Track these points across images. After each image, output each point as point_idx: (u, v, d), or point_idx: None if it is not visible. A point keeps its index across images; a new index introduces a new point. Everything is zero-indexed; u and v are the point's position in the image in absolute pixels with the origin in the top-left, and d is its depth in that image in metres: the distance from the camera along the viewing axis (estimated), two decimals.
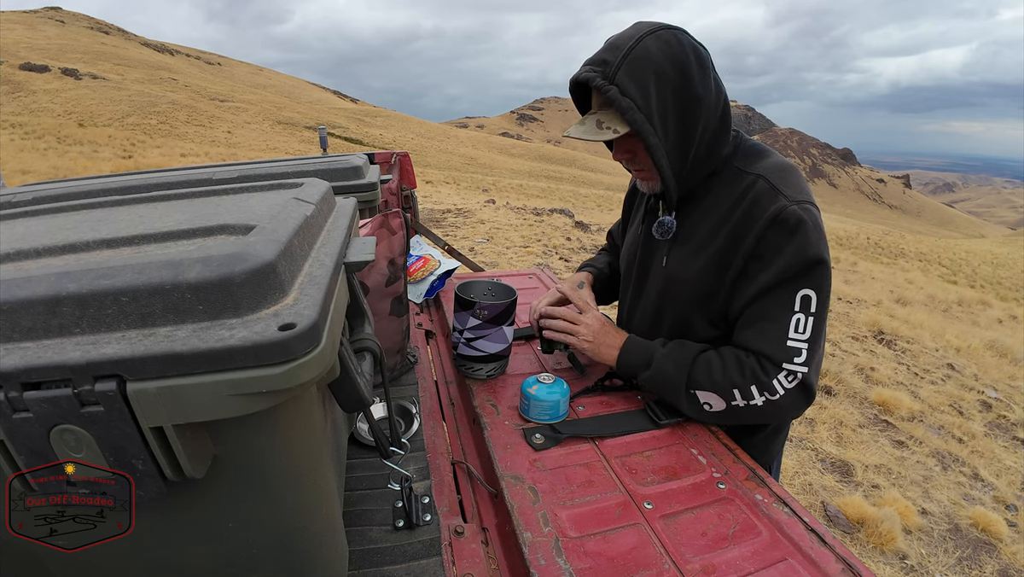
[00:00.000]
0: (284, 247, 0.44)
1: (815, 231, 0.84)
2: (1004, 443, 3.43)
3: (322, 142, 1.81)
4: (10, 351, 0.36)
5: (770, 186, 0.87)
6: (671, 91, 0.83)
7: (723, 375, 0.87)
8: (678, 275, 0.98)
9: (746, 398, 0.86)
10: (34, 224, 0.59)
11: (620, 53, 0.82)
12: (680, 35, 0.84)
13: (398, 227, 1.01)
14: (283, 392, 0.39)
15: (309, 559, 0.52)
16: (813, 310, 0.84)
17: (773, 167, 0.91)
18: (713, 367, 0.88)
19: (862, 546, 2.28)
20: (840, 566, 0.64)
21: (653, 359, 0.93)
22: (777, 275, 0.84)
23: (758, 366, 0.85)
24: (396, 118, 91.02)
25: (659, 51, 0.82)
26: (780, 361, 0.84)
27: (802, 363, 0.84)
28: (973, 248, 32.78)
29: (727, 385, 0.87)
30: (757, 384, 0.85)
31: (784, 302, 0.85)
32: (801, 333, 0.84)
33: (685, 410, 0.91)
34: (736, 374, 0.86)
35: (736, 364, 0.87)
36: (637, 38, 0.82)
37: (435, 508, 0.76)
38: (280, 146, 43.17)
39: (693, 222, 0.96)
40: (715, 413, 0.89)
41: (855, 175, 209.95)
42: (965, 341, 5.50)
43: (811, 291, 0.84)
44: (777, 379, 0.84)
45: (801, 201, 0.85)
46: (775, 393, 0.85)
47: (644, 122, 0.83)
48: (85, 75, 55.52)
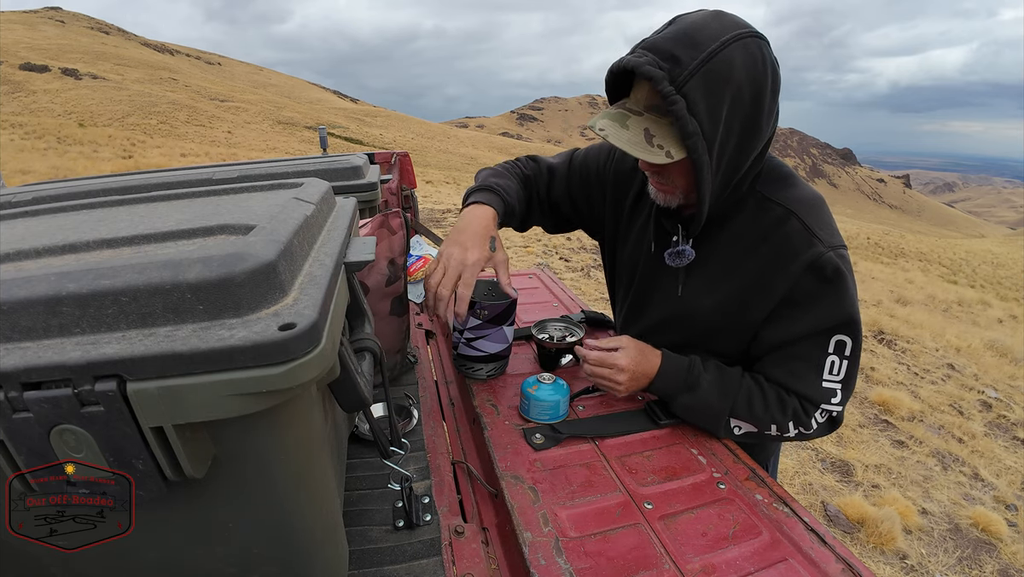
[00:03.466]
0: (284, 247, 0.44)
1: (851, 280, 0.82)
2: (1004, 443, 3.43)
3: (322, 142, 1.81)
4: (10, 351, 0.36)
5: (803, 227, 0.81)
6: (740, 119, 0.72)
7: (764, 410, 0.86)
8: (692, 305, 0.93)
9: (781, 431, 0.86)
10: (34, 224, 0.59)
11: (698, 55, 0.67)
12: (766, 50, 0.71)
13: (398, 227, 1.01)
14: (283, 392, 0.39)
15: (309, 559, 0.52)
16: (847, 354, 0.83)
17: (802, 201, 0.84)
18: (755, 401, 0.86)
19: (862, 546, 2.28)
20: (840, 566, 0.64)
21: (699, 385, 0.88)
22: (813, 324, 0.82)
23: (800, 407, 0.85)
24: (396, 118, 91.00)
25: (743, 67, 0.69)
26: (819, 403, 0.84)
27: (838, 403, 0.85)
28: (973, 248, 32.76)
29: (767, 420, 0.86)
30: (795, 421, 0.86)
31: (820, 344, 0.83)
32: (835, 375, 0.84)
33: (714, 432, 0.90)
34: (778, 412, 0.86)
35: (778, 402, 0.86)
36: (723, 41, 0.68)
37: (435, 508, 0.76)
38: (280, 146, 43.16)
39: (709, 250, 0.89)
40: (742, 435, 0.89)
41: (855, 175, 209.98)
42: (965, 341, 5.50)
43: (848, 338, 0.83)
44: (814, 418, 0.86)
45: (836, 246, 0.81)
46: (809, 428, 0.86)
47: (704, 152, 0.71)
48: (85, 75, 55.51)
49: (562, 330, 1.11)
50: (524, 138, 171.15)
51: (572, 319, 1.19)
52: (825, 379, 0.84)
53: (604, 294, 5.09)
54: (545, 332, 1.11)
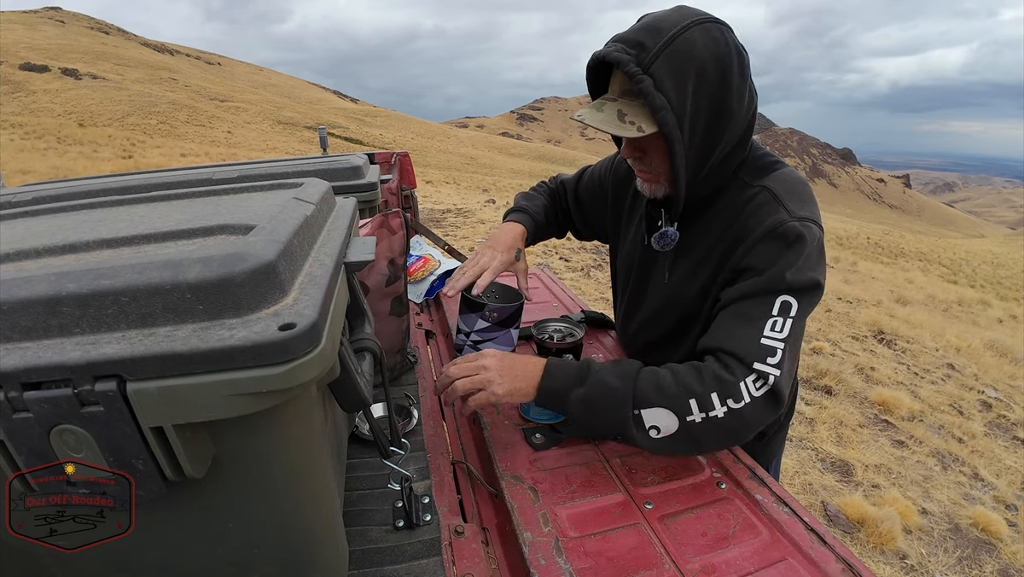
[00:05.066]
0: (284, 247, 0.44)
1: (815, 252, 0.78)
2: (1004, 443, 3.43)
3: (322, 142, 1.81)
4: (10, 351, 0.36)
5: (772, 197, 0.81)
6: (708, 95, 0.74)
7: (676, 386, 0.74)
8: (679, 291, 0.93)
9: (705, 409, 0.73)
10: (34, 224, 0.59)
11: (661, 39, 0.72)
12: (727, 33, 0.75)
13: (398, 227, 1.01)
14: (283, 392, 0.39)
15: (309, 559, 0.52)
16: (793, 314, 0.76)
17: (780, 179, 0.84)
18: (662, 379, 0.76)
19: (862, 546, 2.28)
20: (840, 566, 0.64)
21: (589, 373, 0.78)
22: (764, 284, 0.77)
23: (722, 368, 0.75)
24: (396, 118, 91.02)
25: (705, 47, 0.73)
26: (751, 360, 0.74)
27: (775, 364, 0.73)
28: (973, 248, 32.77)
29: (682, 396, 0.74)
30: (719, 390, 0.73)
31: (764, 303, 0.77)
32: (778, 332, 0.75)
33: (628, 437, 0.77)
34: (694, 382, 0.74)
35: (693, 372, 0.76)
36: (683, 26, 0.73)
37: (435, 508, 0.76)
38: (280, 146, 43.17)
39: (693, 236, 0.90)
40: (664, 439, 0.75)
41: (855, 175, 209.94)
42: (965, 341, 5.50)
43: (793, 299, 0.76)
44: (744, 383, 0.73)
45: (804, 218, 0.78)
46: (740, 400, 0.73)
47: (675, 125, 0.74)
48: (85, 75, 55.53)
49: (562, 330, 1.11)
50: (524, 138, 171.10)
51: (572, 319, 1.19)
52: (765, 335, 0.75)
53: (604, 294, 5.09)
54: (545, 332, 1.11)
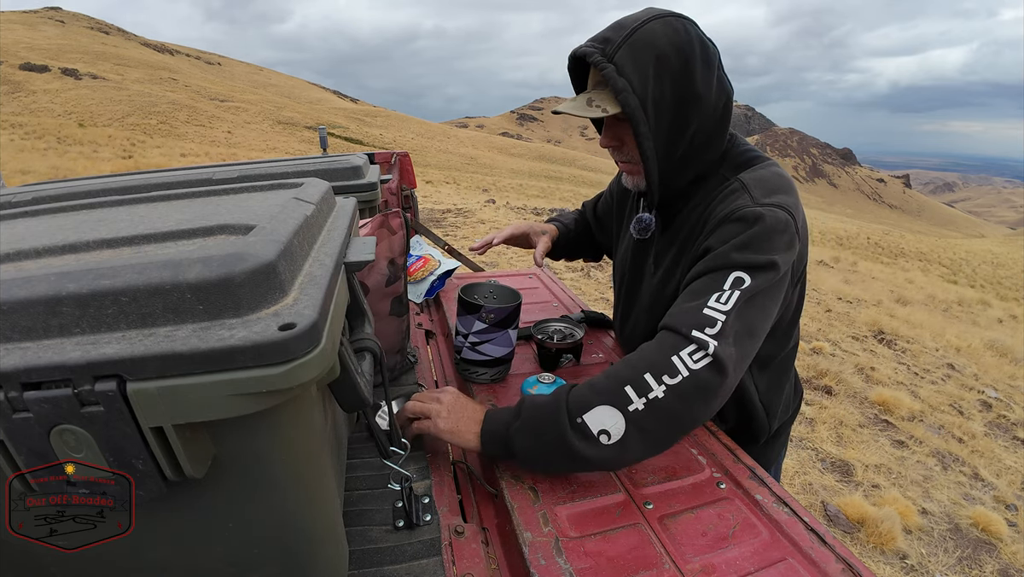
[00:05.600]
0: (284, 247, 0.44)
1: (777, 233, 0.77)
2: (1004, 443, 3.43)
3: (322, 142, 1.81)
4: (10, 351, 0.36)
5: (741, 186, 0.84)
6: (670, 80, 0.79)
7: (608, 378, 0.73)
8: (663, 286, 0.96)
9: (643, 393, 0.70)
10: (34, 224, 0.59)
11: (624, 33, 0.79)
12: (689, 25, 0.81)
13: (398, 227, 1.01)
14: (283, 392, 0.39)
15: (309, 559, 0.52)
16: (744, 288, 0.74)
17: (757, 173, 0.86)
18: (595, 379, 0.75)
19: (862, 546, 2.28)
20: (840, 566, 0.64)
21: (523, 404, 0.77)
22: (716, 261, 0.77)
23: (655, 346, 0.73)
24: (396, 118, 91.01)
25: (664, 36, 0.79)
26: (687, 330, 0.71)
27: (715, 334, 0.70)
28: (973, 248, 32.77)
29: (616, 386, 0.71)
30: (651, 368, 0.70)
31: (715, 279, 0.76)
32: (722, 304, 0.73)
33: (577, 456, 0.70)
34: (624, 369, 0.73)
35: (623, 363, 0.74)
36: (644, 20, 0.79)
37: (435, 508, 0.76)
38: (280, 146, 43.17)
39: (674, 230, 0.94)
40: (616, 444, 0.70)
41: (855, 175, 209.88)
42: (965, 341, 5.50)
43: (746, 275, 0.75)
44: (679, 355, 0.70)
45: (767, 204, 0.79)
46: (676, 374, 0.69)
47: (637, 107, 0.79)
48: (85, 75, 55.53)
49: (562, 330, 1.11)
50: (524, 138, 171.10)
51: (572, 319, 1.19)
52: (709, 306, 0.73)
53: (604, 294, 5.09)
54: (545, 332, 1.11)
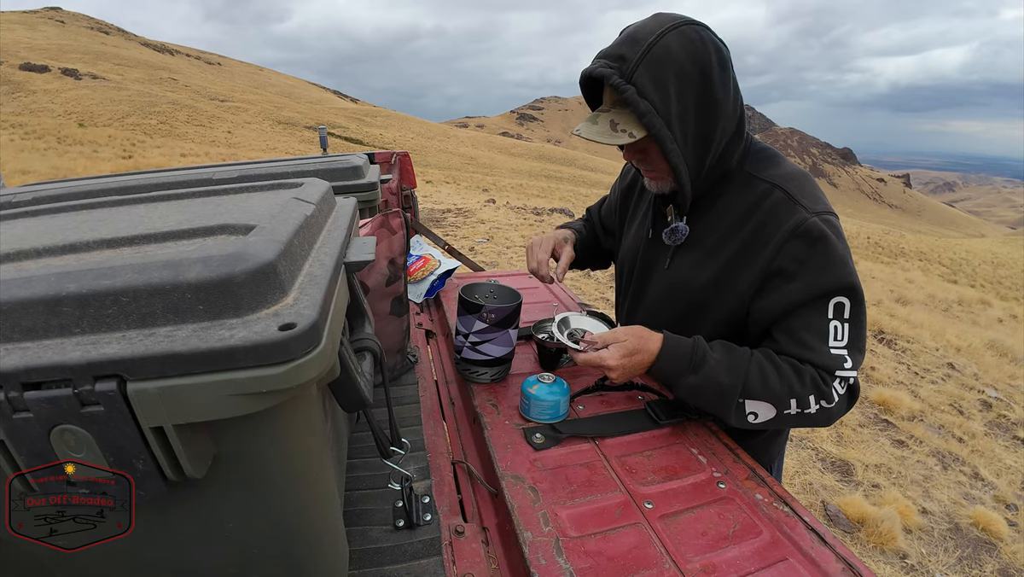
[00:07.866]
0: (284, 247, 0.44)
1: (839, 243, 0.82)
2: (1004, 442, 3.43)
3: (322, 142, 1.82)
4: (10, 351, 0.36)
5: (787, 196, 0.85)
6: (691, 93, 0.80)
7: (780, 383, 0.82)
8: (683, 280, 0.96)
9: (802, 407, 0.83)
10: (34, 224, 0.59)
11: (639, 49, 0.78)
12: (703, 32, 0.80)
13: (398, 227, 1.01)
14: (283, 392, 0.39)
15: (309, 559, 0.52)
16: (847, 316, 0.82)
17: (788, 176, 0.88)
18: (768, 376, 0.83)
19: (862, 545, 2.28)
20: (840, 566, 0.64)
21: (704, 363, 0.85)
22: (807, 291, 0.82)
23: (818, 376, 0.83)
24: (396, 118, 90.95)
25: (681, 49, 0.78)
26: (833, 369, 0.82)
27: (850, 368, 0.82)
28: (973, 247, 32.75)
29: (785, 394, 0.82)
30: (816, 392, 0.82)
31: (818, 310, 0.83)
32: (840, 340, 0.82)
33: (727, 420, 0.86)
34: (796, 383, 0.82)
35: (795, 373, 0.83)
36: (658, 34, 0.78)
37: (435, 508, 0.76)
38: (280, 146, 43.15)
39: (702, 227, 0.94)
40: (759, 423, 0.85)
41: (855, 175, 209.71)
42: (965, 340, 5.50)
43: (844, 299, 0.82)
44: (833, 387, 0.83)
45: (821, 212, 0.83)
46: (832, 400, 0.83)
47: (662, 126, 0.80)
48: (85, 75, 55.51)
49: None
50: (524, 138, 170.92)
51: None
52: (832, 346, 0.82)
53: (604, 294, 5.09)
54: (545, 332, 1.11)
